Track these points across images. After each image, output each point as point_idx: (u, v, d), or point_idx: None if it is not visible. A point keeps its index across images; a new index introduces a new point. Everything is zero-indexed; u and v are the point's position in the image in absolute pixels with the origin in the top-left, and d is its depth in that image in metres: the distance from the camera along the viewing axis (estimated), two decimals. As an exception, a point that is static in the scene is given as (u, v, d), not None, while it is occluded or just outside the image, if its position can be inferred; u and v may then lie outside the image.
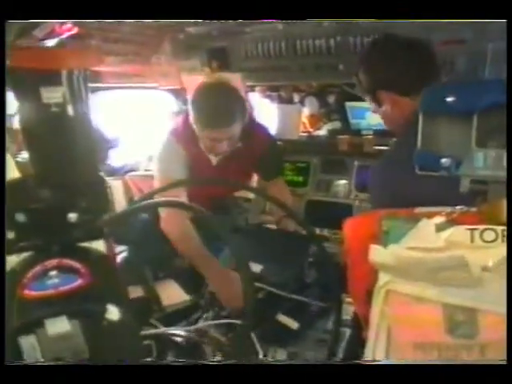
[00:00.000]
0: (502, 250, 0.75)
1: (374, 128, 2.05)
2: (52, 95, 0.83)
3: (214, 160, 1.85)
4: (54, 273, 0.76)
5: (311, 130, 2.27)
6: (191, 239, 1.67)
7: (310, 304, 1.65)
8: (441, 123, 0.81)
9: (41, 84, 0.82)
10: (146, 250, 1.86)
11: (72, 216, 0.83)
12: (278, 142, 2.13)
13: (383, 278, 0.83)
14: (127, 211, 1.18)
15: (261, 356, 1.42)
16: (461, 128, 0.80)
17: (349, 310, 1.57)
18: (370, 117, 2.04)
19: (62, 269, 0.77)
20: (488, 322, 0.75)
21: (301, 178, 2.30)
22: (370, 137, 2.02)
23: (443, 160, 0.81)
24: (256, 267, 1.61)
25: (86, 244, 0.85)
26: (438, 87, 0.81)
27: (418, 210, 0.89)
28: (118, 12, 0.80)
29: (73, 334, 0.72)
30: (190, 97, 1.74)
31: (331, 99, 2.08)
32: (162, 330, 1.43)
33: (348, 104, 2.08)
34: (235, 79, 1.76)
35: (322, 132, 2.23)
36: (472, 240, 0.77)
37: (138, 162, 2.48)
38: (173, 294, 1.78)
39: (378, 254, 0.82)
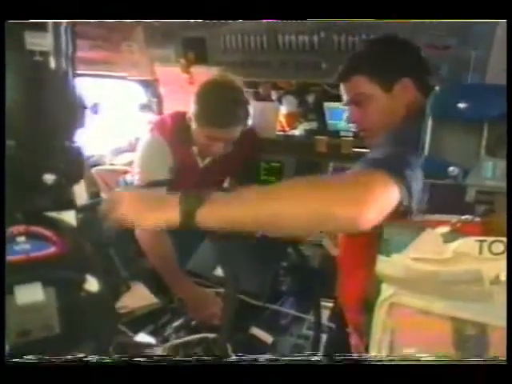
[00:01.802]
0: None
1: (351, 130, 2.02)
2: (37, 42, 0.75)
3: (200, 163, 1.78)
4: (21, 239, 0.69)
5: (288, 129, 2.22)
6: (165, 254, 1.61)
7: (286, 313, 1.62)
8: (450, 129, 0.78)
9: (25, 28, 0.73)
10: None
11: (49, 177, 0.75)
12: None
13: (387, 290, 0.79)
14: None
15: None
16: (470, 135, 0.77)
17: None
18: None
19: (30, 236, 0.69)
20: (498, 338, 0.72)
21: (274, 179, 2.25)
22: (349, 138, 2.00)
23: (451, 168, 0.78)
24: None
25: (55, 214, 0.76)
26: (451, 91, 0.77)
27: (419, 217, 0.86)
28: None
29: (45, 305, 0.66)
30: (195, 93, 1.66)
31: (310, 98, 2.04)
32: (134, 341, 1.34)
33: (326, 104, 2.04)
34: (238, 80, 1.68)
35: (298, 131, 2.19)
36: (480, 252, 0.74)
37: (102, 156, 2.35)
38: (140, 296, 1.68)
39: (385, 265, 0.78)
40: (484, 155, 0.76)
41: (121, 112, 2.40)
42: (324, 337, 1.47)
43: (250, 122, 1.69)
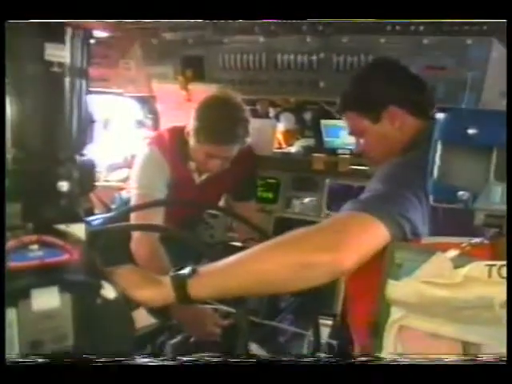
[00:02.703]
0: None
1: (348, 147, 2.04)
2: (56, 53, 0.77)
3: (197, 179, 1.77)
4: (34, 247, 0.69)
5: (285, 146, 2.24)
6: (161, 268, 1.58)
7: (284, 330, 1.61)
8: (459, 154, 0.79)
9: (45, 38, 0.75)
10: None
11: (63, 184, 0.76)
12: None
13: (396, 312, 0.80)
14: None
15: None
16: (479, 160, 0.78)
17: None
18: (344, 136, 2.03)
19: (42, 244, 0.70)
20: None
21: (271, 195, 2.26)
22: (346, 156, 2.02)
23: (460, 193, 0.79)
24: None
25: (64, 227, 0.76)
26: (460, 116, 0.78)
27: (428, 240, 0.87)
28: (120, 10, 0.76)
29: (59, 312, 0.64)
30: (195, 108, 1.66)
31: (307, 116, 2.06)
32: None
33: (323, 122, 2.06)
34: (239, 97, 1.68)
35: (295, 148, 2.20)
36: (490, 275, 0.75)
37: (97, 172, 2.33)
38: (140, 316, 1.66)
39: (395, 289, 0.78)
40: (493, 180, 0.78)
41: (116, 128, 2.39)
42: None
43: (248, 140, 1.69)
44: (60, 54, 0.78)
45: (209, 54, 1.89)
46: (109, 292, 0.69)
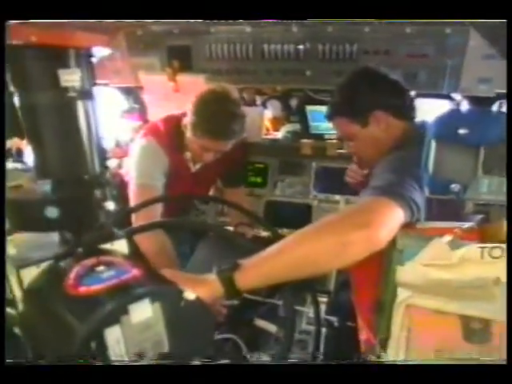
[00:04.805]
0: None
1: (333, 132, 2.12)
2: (70, 78, 0.77)
3: (192, 168, 1.82)
4: (101, 268, 0.72)
5: (273, 132, 2.30)
6: (166, 256, 1.63)
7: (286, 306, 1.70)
8: (451, 151, 0.88)
9: (56, 65, 0.75)
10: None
11: (109, 204, 0.80)
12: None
13: (403, 293, 0.90)
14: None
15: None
16: (469, 156, 0.88)
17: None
18: (328, 120, 2.11)
19: (105, 264, 0.73)
20: (499, 330, 0.85)
21: (260, 179, 2.33)
22: (333, 141, 2.10)
23: (453, 185, 0.89)
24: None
25: (109, 245, 0.80)
26: (452, 118, 0.87)
27: (423, 225, 0.97)
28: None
29: (154, 321, 0.68)
30: (192, 100, 1.68)
31: (293, 102, 2.12)
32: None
33: (308, 108, 2.13)
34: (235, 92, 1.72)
35: (281, 133, 2.27)
36: (482, 256, 0.86)
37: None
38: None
39: (400, 273, 0.88)
40: (481, 174, 0.88)
41: (102, 118, 2.39)
42: (325, 331, 1.58)
43: (244, 135, 1.74)
44: (73, 78, 0.79)
45: (196, 44, 1.90)
46: (189, 294, 0.73)
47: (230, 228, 2.08)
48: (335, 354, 1.48)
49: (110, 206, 0.80)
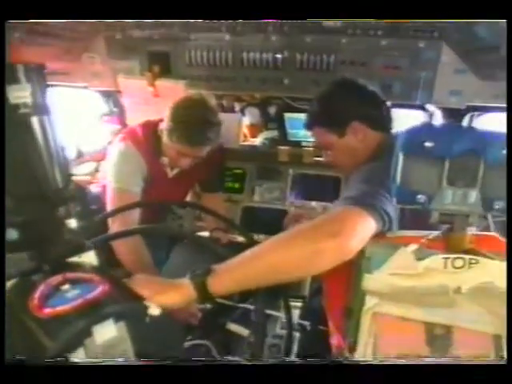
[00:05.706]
0: (471, 275, 0.87)
1: (310, 139, 2.16)
2: (19, 94, 0.73)
3: (170, 173, 1.82)
4: (66, 287, 0.71)
5: (251, 139, 2.32)
6: (142, 261, 1.62)
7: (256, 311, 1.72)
8: (417, 163, 0.91)
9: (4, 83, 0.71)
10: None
11: (71, 221, 0.78)
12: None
13: (370, 300, 0.93)
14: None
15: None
16: (434, 168, 0.91)
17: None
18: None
19: (71, 282, 0.72)
20: (461, 337, 0.88)
21: (238, 185, 2.35)
22: (310, 149, 2.13)
23: (419, 196, 0.92)
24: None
25: (76, 259, 0.79)
26: (419, 131, 0.90)
27: (392, 234, 1.00)
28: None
29: (120, 339, 0.68)
30: (168, 107, 1.69)
31: (272, 110, 2.14)
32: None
33: (287, 115, 2.16)
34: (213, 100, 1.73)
35: (259, 140, 2.29)
36: (445, 266, 0.89)
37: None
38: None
39: (368, 281, 0.91)
40: (445, 185, 0.91)
41: (81, 122, 2.37)
42: (298, 335, 1.60)
43: (219, 141, 1.76)
44: (23, 94, 0.74)
45: (175, 50, 1.92)
46: (154, 310, 0.73)
47: (206, 233, 2.10)
48: (307, 357, 1.51)
49: (73, 223, 0.77)
